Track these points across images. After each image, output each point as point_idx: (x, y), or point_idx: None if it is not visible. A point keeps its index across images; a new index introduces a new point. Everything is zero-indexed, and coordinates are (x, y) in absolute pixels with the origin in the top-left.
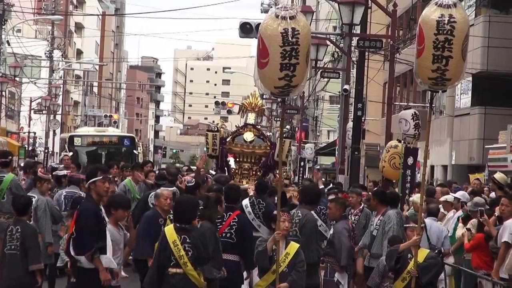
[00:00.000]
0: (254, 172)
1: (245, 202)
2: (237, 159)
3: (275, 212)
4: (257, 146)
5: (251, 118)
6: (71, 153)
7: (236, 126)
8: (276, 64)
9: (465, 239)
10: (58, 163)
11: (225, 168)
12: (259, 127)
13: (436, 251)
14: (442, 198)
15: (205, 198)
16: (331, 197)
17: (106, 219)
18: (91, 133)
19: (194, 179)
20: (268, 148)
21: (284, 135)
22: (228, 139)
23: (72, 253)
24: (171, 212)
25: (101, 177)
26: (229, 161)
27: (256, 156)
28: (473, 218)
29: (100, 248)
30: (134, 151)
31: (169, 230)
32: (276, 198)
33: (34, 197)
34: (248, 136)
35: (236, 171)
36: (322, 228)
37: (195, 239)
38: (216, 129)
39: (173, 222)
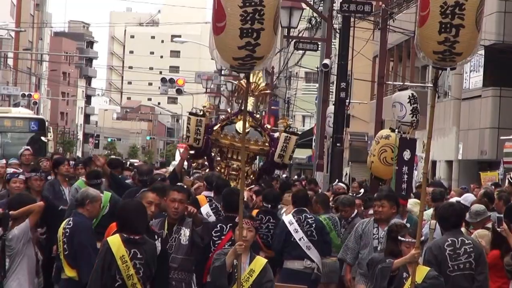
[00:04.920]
0: (245, 175)
1: (205, 209)
2: (225, 155)
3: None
4: (252, 140)
5: (248, 103)
6: None
7: (227, 111)
8: (235, 30)
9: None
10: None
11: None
12: (258, 116)
13: None
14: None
15: None
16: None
17: None
18: None
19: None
20: (266, 144)
21: (289, 129)
22: (215, 128)
23: None
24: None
25: None
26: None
27: (250, 154)
28: (476, 229)
29: None
30: (43, 138)
31: (115, 243)
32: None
33: None
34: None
35: (222, 170)
36: None
37: (147, 255)
38: (202, 113)
39: (119, 232)
